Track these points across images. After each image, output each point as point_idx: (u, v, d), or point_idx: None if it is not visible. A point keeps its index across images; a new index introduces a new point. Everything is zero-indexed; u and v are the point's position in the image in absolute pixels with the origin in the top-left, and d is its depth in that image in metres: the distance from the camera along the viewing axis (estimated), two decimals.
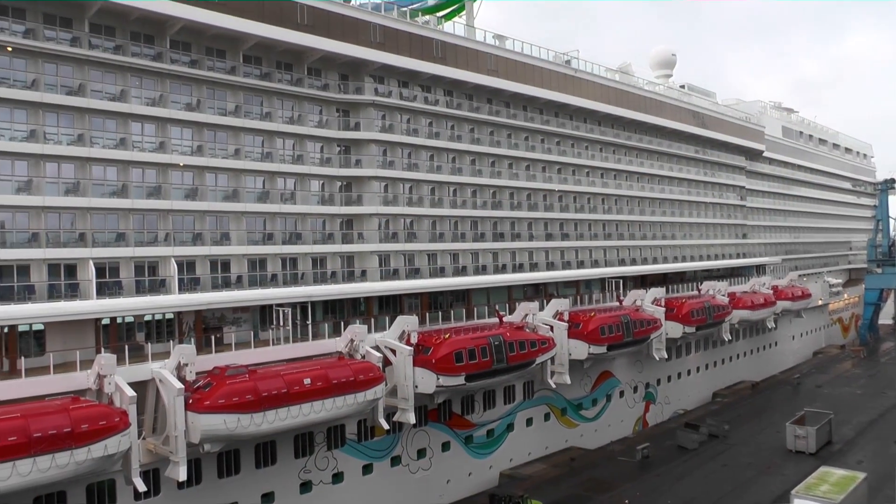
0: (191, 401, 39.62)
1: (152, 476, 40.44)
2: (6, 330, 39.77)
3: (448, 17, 75.08)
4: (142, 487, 38.04)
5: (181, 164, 49.26)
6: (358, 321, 52.73)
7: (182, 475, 39.04)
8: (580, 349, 64.41)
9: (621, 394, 76.50)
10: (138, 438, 38.30)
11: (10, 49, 42.83)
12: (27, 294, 41.51)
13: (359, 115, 59.42)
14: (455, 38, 65.99)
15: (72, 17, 45.31)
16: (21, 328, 40.34)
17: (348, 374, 45.56)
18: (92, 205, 45.04)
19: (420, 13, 67.72)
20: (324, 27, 54.64)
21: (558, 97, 75.46)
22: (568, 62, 79.32)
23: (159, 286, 46.77)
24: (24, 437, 32.59)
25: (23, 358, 38.64)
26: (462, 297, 64.41)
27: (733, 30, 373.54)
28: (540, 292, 71.77)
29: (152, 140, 48.58)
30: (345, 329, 50.36)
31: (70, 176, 44.82)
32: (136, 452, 37.51)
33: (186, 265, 48.52)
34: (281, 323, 49.58)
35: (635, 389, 78.60)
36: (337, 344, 49.67)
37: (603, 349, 65.66)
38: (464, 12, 77.52)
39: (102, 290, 43.86)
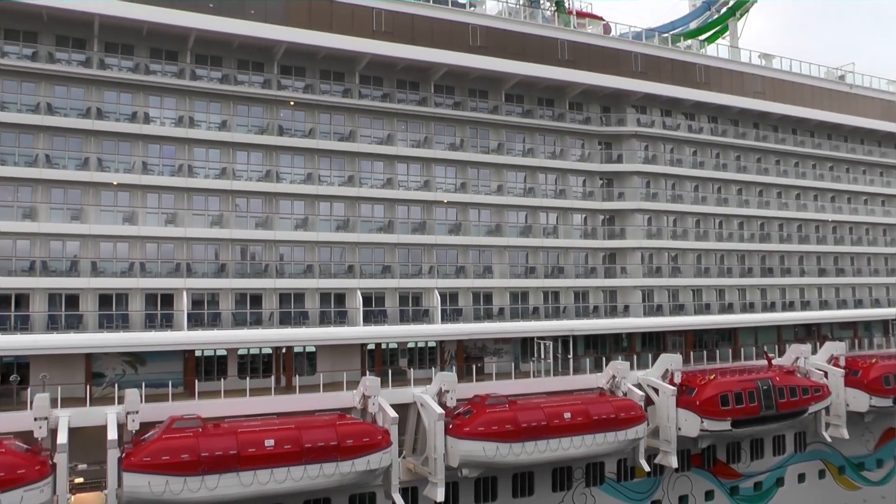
0: (451, 426, 40.63)
1: (410, 493, 41.48)
2: (284, 350, 44.12)
3: (711, 39, 73.00)
4: (401, 503, 39.27)
5: (445, 201, 51.56)
6: (620, 357, 51.74)
7: (440, 496, 39.94)
8: (860, 400, 57.58)
9: None
10: (399, 457, 39.86)
11: (292, 104, 48.32)
12: (302, 319, 45.77)
13: (621, 146, 59.14)
14: (719, 60, 64.01)
15: (343, 70, 49.94)
16: (296, 349, 44.51)
17: (609, 410, 44.56)
18: (360, 240, 48.56)
19: (682, 38, 66.63)
20: (584, 61, 55.28)
21: (831, 117, 69.84)
22: (842, 77, 73.67)
23: (423, 316, 49.18)
24: (297, 446, 35.53)
25: (297, 376, 42.69)
26: (728, 337, 61.43)
27: None
28: (812, 334, 66.46)
29: (417, 179, 51.46)
30: (606, 365, 49.62)
31: (340, 213, 48.86)
32: (396, 470, 38.97)
33: (449, 296, 50.45)
34: (542, 356, 49.91)
35: None
36: (598, 380, 48.85)
37: (888, 402, 58.22)
38: (727, 33, 74.88)
39: (369, 318, 47.04)
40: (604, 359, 51.35)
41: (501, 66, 51.99)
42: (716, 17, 74.43)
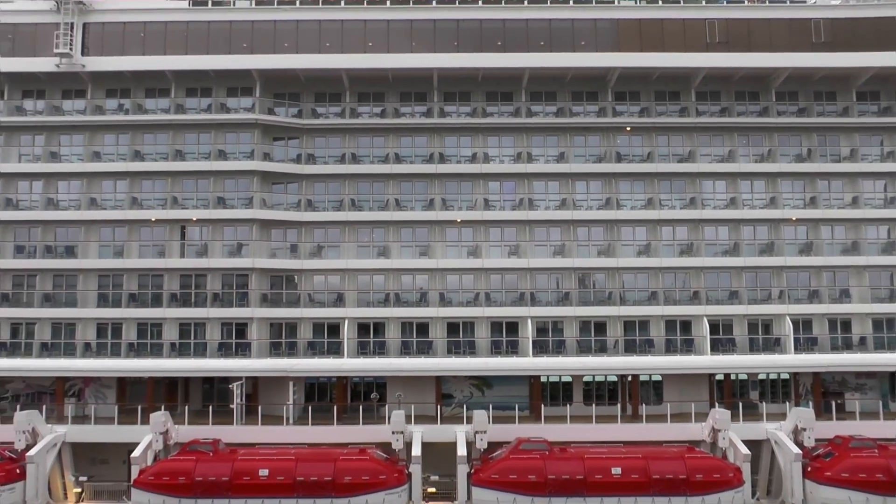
0: (809, 468, 37.28)
1: None
2: (629, 378, 43.96)
3: None
4: None
5: (794, 219, 48.31)
6: None
7: None
8: None
9: None
10: (752, 498, 37.39)
11: (628, 129, 48.62)
12: (647, 347, 45.63)
13: None
14: None
15: (678, 89, 49.07)
16: (642, 378, 44.23)
17: None
18: (705, 264, 47.13)
19: None
20: None
21: None
22: None
23: (773, 345, 46.48)
24: (645, 476, 35.23)
25: (643, 405, 42.02)
26: None
27: None
28: None
29: (762, 196, 48.85)
30: None
31: (683, 237, 47.87)
32: None
33: (802, 323, 47.15)
34: None
35: None
36: None
37: None
38: None
39: (716, 347, 45.60)
40: None
41: (852, 60, 47.23)
42: None
